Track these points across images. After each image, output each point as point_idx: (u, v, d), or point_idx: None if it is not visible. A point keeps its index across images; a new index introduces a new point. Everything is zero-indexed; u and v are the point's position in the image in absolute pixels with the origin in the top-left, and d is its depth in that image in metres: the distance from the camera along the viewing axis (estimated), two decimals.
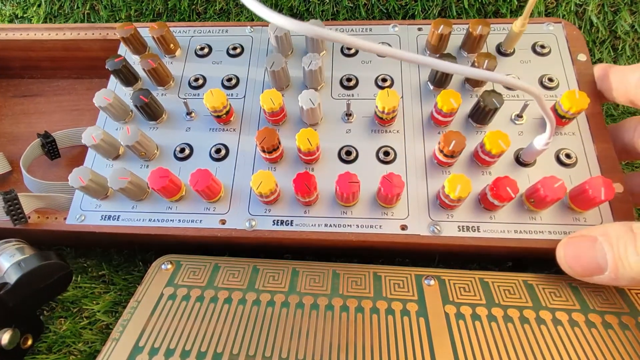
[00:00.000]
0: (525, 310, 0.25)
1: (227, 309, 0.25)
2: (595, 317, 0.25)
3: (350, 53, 0.35)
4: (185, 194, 0.31)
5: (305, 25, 0.16)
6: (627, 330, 0.24)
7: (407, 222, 0.29)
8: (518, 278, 0.27)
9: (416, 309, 0.24)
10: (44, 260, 0.28)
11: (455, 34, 0.35)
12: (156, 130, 0.34)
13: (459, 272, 0.27)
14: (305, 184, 0.27)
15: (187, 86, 0.35)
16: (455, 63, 0.31)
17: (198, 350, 0.23)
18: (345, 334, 0.23)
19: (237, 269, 0.27)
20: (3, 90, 0.45)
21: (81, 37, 0.39)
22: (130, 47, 0.36)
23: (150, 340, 0.24)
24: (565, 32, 0.35)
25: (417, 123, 0.32)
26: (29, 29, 0.40)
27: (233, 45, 0.36)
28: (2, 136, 0.43)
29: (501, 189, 0.26)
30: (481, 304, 0.25)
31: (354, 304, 0.24)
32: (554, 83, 0.33)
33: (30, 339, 0.28)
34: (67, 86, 0.45)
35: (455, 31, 0.35)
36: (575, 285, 0.26)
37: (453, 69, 0.19)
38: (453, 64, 0.19)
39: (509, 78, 0.20)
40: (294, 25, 0.16)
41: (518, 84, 0.20)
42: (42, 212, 0.32)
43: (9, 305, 0.27)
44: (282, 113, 0.32)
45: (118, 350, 0.24)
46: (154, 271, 0.27)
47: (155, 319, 0.25)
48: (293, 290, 0.25)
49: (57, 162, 0.40)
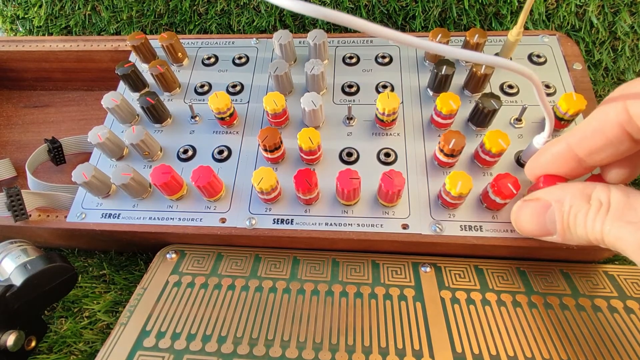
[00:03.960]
0: (518, 295, 0.26)
1: (230, 295, 0.25)
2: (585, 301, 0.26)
3: (352, 62, 0.37)
4: (187, 193, 0.31)
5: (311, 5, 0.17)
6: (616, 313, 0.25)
7: (408, 222, 0.28)
8: (511, 265, 0.28)
9: (413, 294, 0.25)
10: (50, 262, 0.28)
11: (453, 45, 0.36)
12: (161, 132, 0.34)
13: (454, 259, 0.28)
14: (306, 180, 0.27)
15: (193, 92, 0.36)
16: (454, 68, 0.32)
17: (203, 334, 0.24)
18: (344, 318, 0.23)
19: (239, 257, 0.28)
20: (15, 101, 0.47)
21: (94, 49, 0.41)
22: (140, 55, 0.37)
23: (157, 325, 0.25)
24: (560, 43, 0.36)
25: (417, 126, 0.33)
26: (44, 41, 0.42)
27: (239, 55, 0.38)
28: (10, 144, 0.44)
29: (503, 185, 0.26)
30: (475, 289, 0.26)
31: (353, 290, 0.24)
32: (551, 90, 0.33)
33: (34, 340, 0.28)
34: (77, 97, 0.46)
35: (452, 42, 0.36)
36: (566, 272, 0.27)
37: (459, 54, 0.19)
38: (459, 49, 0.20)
39: (509, 61, 0.20)
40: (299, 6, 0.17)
41: (518, 67, 0.21)
42: (43, 210, 0.32)
43: (14, 307, 0.26)
44: (285, 115, 0.32)
45: (126, 334, 0.24)
46: (159, 260, 0.28)
47: (161, 304, 0.26)
48: (294, 277, 0.26)
49: (62, 168, 0.41)
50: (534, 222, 0.24)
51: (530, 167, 0.26)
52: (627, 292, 0.27)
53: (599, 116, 0.22)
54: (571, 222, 0.22)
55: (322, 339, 0.23)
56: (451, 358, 0.24)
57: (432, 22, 0.42)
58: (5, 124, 0.45)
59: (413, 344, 0.24)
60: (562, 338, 0.24)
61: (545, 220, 0.23)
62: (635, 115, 0.20)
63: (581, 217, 0.21)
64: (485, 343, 0.24)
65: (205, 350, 0.24)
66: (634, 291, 0.27)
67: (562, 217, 0.22)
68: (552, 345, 0.24)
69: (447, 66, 0.32)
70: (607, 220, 0.20)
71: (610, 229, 0.19)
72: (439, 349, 0.24)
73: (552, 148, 0.25)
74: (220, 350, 0.24)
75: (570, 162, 0.24)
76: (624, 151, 0.22)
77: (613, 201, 0.20)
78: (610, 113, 0.21)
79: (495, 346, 0.24)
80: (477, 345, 0.24)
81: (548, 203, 0.23)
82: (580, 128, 0.23)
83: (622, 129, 0.21)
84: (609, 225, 0.20)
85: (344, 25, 0.17)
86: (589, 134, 0.22)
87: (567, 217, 0.22)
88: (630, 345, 0.24)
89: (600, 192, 0.21)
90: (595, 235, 0.20)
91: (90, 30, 0.47)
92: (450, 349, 0.24)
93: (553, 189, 0.24)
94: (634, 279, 0.27)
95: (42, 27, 0.47)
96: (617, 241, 0.19)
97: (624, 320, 0.25)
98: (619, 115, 0.20)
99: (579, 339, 0.24)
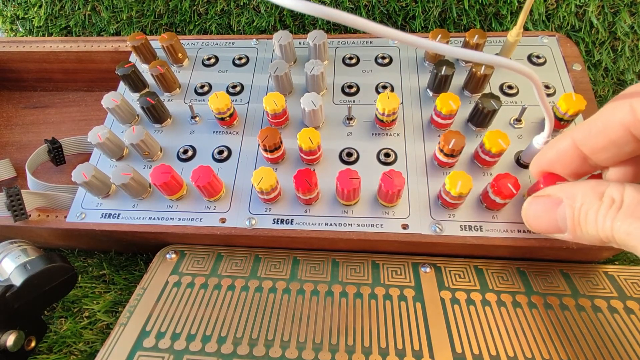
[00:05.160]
0: (518, 295, 0.26)
1: (230, 295, 0.25)
2: (585, 302, 0.26)
3: (352, 63, 0.37)
4: (186, 193, 0.31)
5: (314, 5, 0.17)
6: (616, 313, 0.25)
7: (408, 222, 0.28)
8: (511, 265, 0.27)
9: (413, 294, 0.25)
10: (49, 262, 0.28)
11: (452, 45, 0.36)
12: (161, 133, 0.34)
13: (454, 260, 0.28)
14: (306, 180, 0.27)
15: (193, 92, 0.36)
16: (453, 69, 0.32)
17: (203, 334, 0.24)
18: (344, 318, 0.23)
19: (239, 257, 0.28)
20: (15, 102, 0.47)
21: (94, 49, 0.41)
22: (140, 56, 0.37)
23: (157, 325, 0.25)
24: (560, 44, 0.36)
25: (417, 126, 0.33)
26: (45, 42, 0.42)
27: (239, 55, 0.38)
28: (10, 144, 0.44)
29: (502, 185, 0.26)
30: (475, 290, 0.26)
31: (353, 290, 0.24)
32: (550, 90, 0.33)
33: (33, 340, 0.28)
34: (77, 98, 0.46)
35: (452, 43, 0.36)
36: (566, 272, 0.27)
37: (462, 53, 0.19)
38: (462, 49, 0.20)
39: (509, 61, 0.20)
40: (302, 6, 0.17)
41: (518, 66, 0.21)
42: (42, 210, 0.32)
43: (14, 307, 0.26)
44: (285, 116, 0.32)
45: (126, 335, 0.24)
46: (159, 260, 0.28)
47: (161, 305, 0.26)
48: (294, 277, 0.25)
49: (62, 169, 0.41)
50: (545, 219, 0.23)
51: (536, 163, 0.26)
52: (627, 293, 0.27)
53: (605, 115, 0.21)
54: (582, 219, 0.21)
55: (322, 340, 0.23)
56: (451, 358, 0.24)
57: (432, 22, 0.42)
58: (6, 124, 0.45)
59: (413, 345, 0.24)
60: (562, 338, 0.24)
61: (556, 217, 0.23)
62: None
63: (592, 214, 0.20)
64: (485, 343, 0.24)
65: (205, 350, 0.24)
66: (634, 291, 0.27)
67: (573, 214, 0.21)
68: (552, 346, 0.24)
69: (446, 67, 0.32)
70: (618, 217, 0.19)
71: (620, 225, 0.19)
72: (439, 350, 0.24)
73: (558, 144, 0.24)
74: (220, 350, 0.24)
75: (576, 160, 0.23)
76: (629, 152, 0.21)
77: (626, 198, 0.19)
78: (617, 113, 0.20)
79: (495, 346, 0.24)
80: (477, 346, 0.24)
81: (559, 199, 0.22)
82: (585, 125, 0.22)
83: (626, 130, 0.20)
84: (619, 222, 0.19)
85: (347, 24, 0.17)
86: (593, 132, 0.22)
87: (578, 214, 0.21)
88: (630, 346, 0.24)
89: (613, 189, 0.20)
90: (605, 233, 0.20)
91: (90, 30, 0.47)
92: (450, 349, 0.24)
93: (565, 185, 0.23)
94: (634, 279, 0.27)
95: (42, 27, 0.47)
96: (627, 237, 0.19)
97: (624, 321, 0.25)
98: (625, 116, 0.20)
99: (579, 339, 0.24)
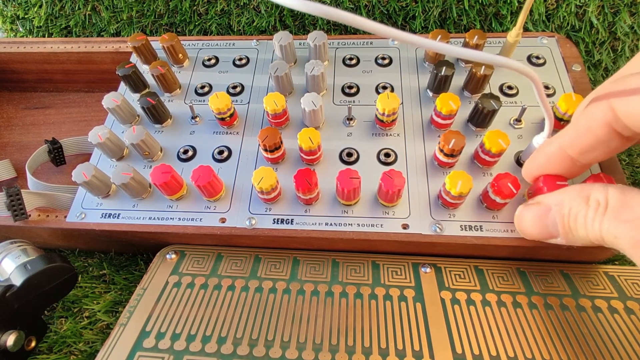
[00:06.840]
0: (518, 296, 0.26)
1: (230, 295, 0.25)
2: (585, 302, 0.26)
3: (352, 63, 0.37)
4: (187, 193, 0.31)
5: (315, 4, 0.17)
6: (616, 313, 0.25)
7: (408, 222, 0.28)
8: (512, 266, 0.28)
9: (413, 294, 0.25)
10: (50, 262, 0.28)
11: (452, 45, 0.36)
12: (161, 133, 0.34)
13: (454, 260, 0.28)
14: (306, 180, 0.27)
15: (193, 93, 0.36)
16: (453, 69, 0.32)
17: (203, 334, 0.24)
18: (344, 319, 0.23)
19: (239, 257, 0.28)
20: (16, 103, 0.47)
21: (95, 50, 0.41)
22: (141, 57, 0.37)
23: (157, 326, 0.25)
24: (559, 45, 0.36)
25: (417, 127, 0.33)
26: (45, 42, 0.42)
27: (239, 56, 0.38)
28: (10, 145, 0.44)
29: (503, 185, 0.26)
30: (476, 290, 0.26)
31: (353, 291, 0.24)
32: (550, 91, 0.33)
33: (33, 340, 0.28)
34: (78, 99, 0.46)
35: (451, 43, 0.36)
36: (566, 272, 0.27)
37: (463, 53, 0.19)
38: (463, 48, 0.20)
39: (509, 60, 0.20)
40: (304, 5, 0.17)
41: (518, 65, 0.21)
42: (42, 210, 0.32)
43: (14, 307, 0.26)
44: (285, 116, 0.33)
45: (126, 335, 0.24)
46: (159, 260, 0.28)
47: (161, 305, 0.26)
48: (294, 277, 0.25)
49: (62, 169, 0.41)
50: (537, 226, 0.24)
51: (528, 168, 0.26)
52: (628, 293, 0.27)
53: (586, 117, 0.22)
54: (572, 224, 0.22)
55: (322, 340, 0.23)
56: (451, 359, 0.23)
57: (432, 22, 0.42)
58: (6, 125, 0.45)
59: (413, 345, 0.24)
60: (562, 339, 0.24)
61: (547, 223, 0.24)
62: (621, 113, 0.20)
63: (581, 218, 0.21)
64: (486, 344, 0.24)
65: (205, 351, 0.24)
66: (634, 292, 0.27)
67: (563, 220, 0.22)
68: (552, 346, 0.24)
69: (446, 67, 0.32)
70: (605, 220, 0.20)
71: (608, 228, 0.20)
72: (439, 350, 0.24)
73: (546, 149, 0.25)
74: (220, 351, 0.24)
75: (565, 162, 0.24)
76: (615, 148, 0.22)
77: (610, 200, 0.20)
78: (597, 113, 0.21)
79: (495, 347, 0.24)
80: (477, 346, 0.24)
81: (548, 207, 0.23)
82: (569, 129, 0.23)
83: (609, 127, 0.21)
84: (607, 224, 0.20)
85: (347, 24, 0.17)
86: (578, 134, 0.22)
87: (567, 219, 0.22)
88: (630, 346, 0.24)
89: (597, 192, 0.21)
90: (595, 235, 0.21)
91: (90, 30, 0.47)
92: (450, 349, 0.24)
93: (553, 193, 0.24)
94: (634, 279, 0.27)
95: (42, 28, 0.47)
96: (615, 240, 0.20)
97: (624, 321, 0.25)
98: (605, 114, 0.21)
99: (579, 339, 0.24)
